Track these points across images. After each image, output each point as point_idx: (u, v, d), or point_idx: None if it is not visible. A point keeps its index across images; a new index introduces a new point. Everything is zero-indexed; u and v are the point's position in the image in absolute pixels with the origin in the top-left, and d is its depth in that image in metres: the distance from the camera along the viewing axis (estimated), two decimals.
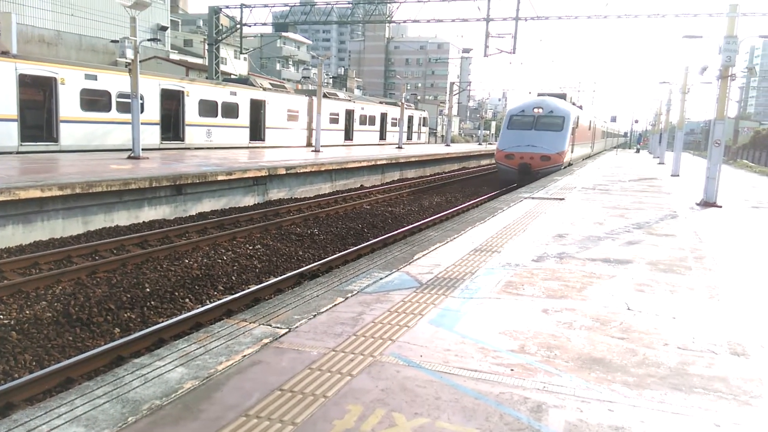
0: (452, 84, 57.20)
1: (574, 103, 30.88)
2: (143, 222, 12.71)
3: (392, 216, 15.98)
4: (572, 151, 24.89)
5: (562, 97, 27.30)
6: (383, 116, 42.05)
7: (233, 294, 8.38)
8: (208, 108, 23.99)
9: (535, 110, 23.03)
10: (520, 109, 23.92)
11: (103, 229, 11.75)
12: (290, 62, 76.87)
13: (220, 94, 24.65)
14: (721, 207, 12.60)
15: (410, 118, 47.30)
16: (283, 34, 70.74)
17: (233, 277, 9.39)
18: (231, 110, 25.30)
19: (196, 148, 23.42)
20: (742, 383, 3.53)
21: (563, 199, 12.84)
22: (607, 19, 29.17)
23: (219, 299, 8.17)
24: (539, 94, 27.64)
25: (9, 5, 31.81)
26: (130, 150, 17.70)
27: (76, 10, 35.86)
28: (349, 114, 36.46)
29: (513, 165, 21.85)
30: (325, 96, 30.90)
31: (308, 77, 60.59)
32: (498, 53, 30.60)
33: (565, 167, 23.18)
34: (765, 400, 3.32)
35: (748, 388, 3.47)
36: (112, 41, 33.28)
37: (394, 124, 42.62)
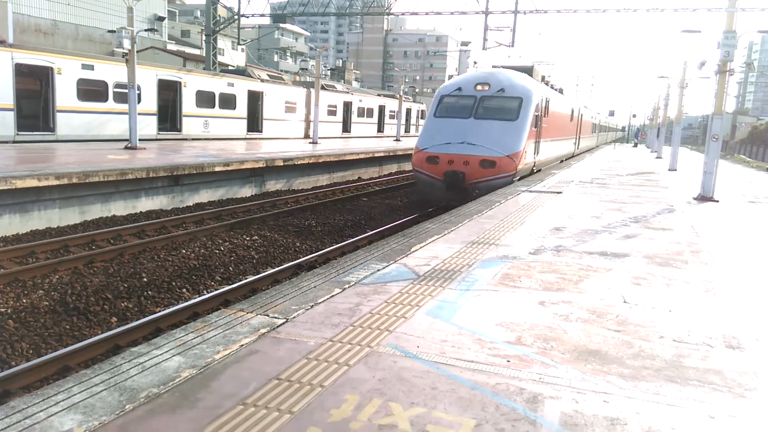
0: (450, 77, 57.04)
1: (547, 82, 21.75)
2: (140, 212, 12.69)
3: (390, 208, 15.98)
4: (537, 152, 16.86)
5: (527, 71, 18.20)
6: (381, 108, 41.96)
7: (230, 284, 8.39)
8: (205, 99, 23.89)
9: (478, 87, 15.31)
10: (455, 85, 15.87)
11: (100, 219, 11.74)
12: (288, 54, 76.61)
13: (217, 85, 24.55)
14: (717, 201, 12.63)
15: (408, 111, 47.21)
16: (281, 25, 70.48)
17: (230, 268, 9.40)
18: (228, 101, 25.21)
19: (193, 139, 23.35)
20: (737, 376, 3.55)
21: (561, 192, 12.85)
22: (606, 13, 29.12)
23: (216, 289, 8.18)
24: (493, 66, 19.43)
25: None
26: (127, 140, 17.64)
27: (73, 0, 35.62)
28: (347, 106, 36.36)
29: (437, 174, 14.36)
30: (323, 88, 30.80)
31: (306, 69, 60.48)
32: (497, 46, 30.59)
33: (521, 178, 15.30)
34: (760, 392, 3.34)
35: (743, 380, 3.49)
36: (109, 31, 33.12)
37: (392, 117, 42.51)
